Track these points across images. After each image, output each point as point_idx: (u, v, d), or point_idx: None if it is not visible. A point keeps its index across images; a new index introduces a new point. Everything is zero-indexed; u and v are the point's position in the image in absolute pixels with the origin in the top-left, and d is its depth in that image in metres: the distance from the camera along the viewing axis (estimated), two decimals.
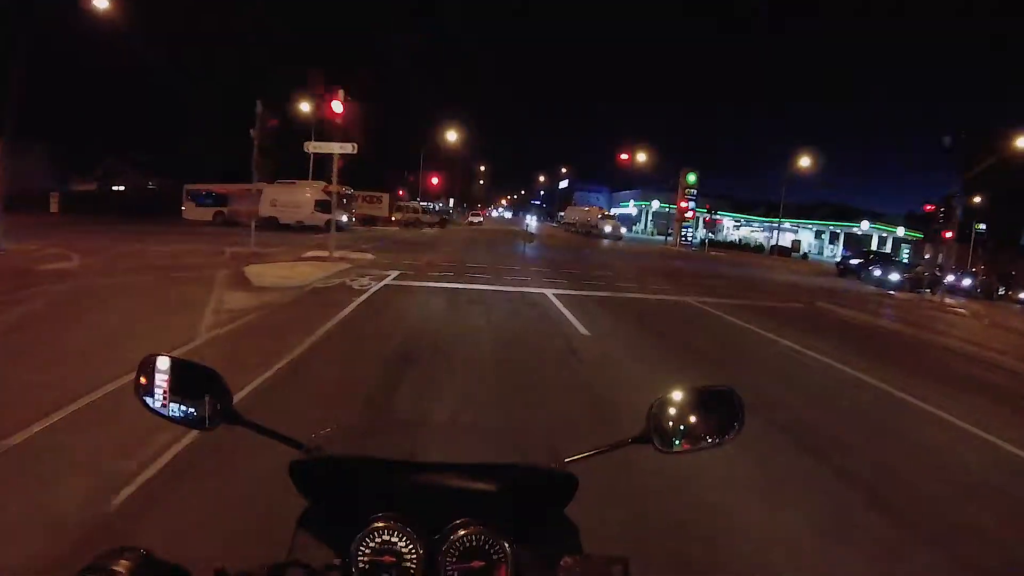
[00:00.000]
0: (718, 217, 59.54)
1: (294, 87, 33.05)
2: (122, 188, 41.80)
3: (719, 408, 1.21)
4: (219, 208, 34.28)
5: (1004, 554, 3.81)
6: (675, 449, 1.17)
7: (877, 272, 29.36)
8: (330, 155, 16.08)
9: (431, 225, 47.86)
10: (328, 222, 33.03)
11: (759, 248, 60.29)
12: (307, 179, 36.45)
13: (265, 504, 2.83)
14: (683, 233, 53.81)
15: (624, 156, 47.39)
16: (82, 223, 24.45)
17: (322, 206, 32.79)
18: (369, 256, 17.93)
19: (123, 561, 0.80)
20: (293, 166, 32.45)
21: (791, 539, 3.61)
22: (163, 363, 1.14)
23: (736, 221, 70.65)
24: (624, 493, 3.78)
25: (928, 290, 25.65)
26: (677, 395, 1.19)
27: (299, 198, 33.04)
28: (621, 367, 7.55)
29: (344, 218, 33.43)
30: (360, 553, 0.94)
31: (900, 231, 59.37)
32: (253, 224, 17.28)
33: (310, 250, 18.03)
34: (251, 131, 17.20)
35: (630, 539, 3.34)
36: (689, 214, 53.79)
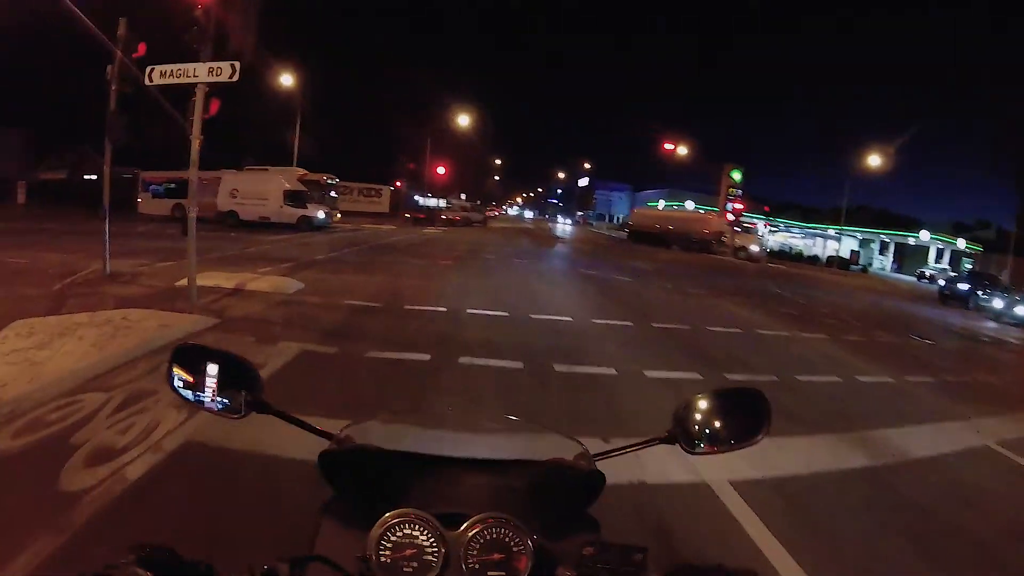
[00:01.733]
0: (776, 224, 51.78)
1: None
2: (94, 177, 36.03)
3: (745, 409, 1.20)
4: (179, 200, 27.85)
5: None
6: (700, 451, 1.16)
7: (998, 302, 21.56)
8: (202, 91, 8.24)
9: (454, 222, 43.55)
10: (302, 219, 26.28)
11: (813, 259, 52.53)
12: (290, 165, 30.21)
13: None
14: None
15: (669, 146, 39.92)
16: (27, 217, 21.40)
17: (294, 199, 26.65)
18: (283, 287, 10.48)
19: (147, 559, 0.79)
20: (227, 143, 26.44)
21: None
22: (195, 352, 1.18)
23: (772, 226, 62.31)
24: None
25: None
26: (704, 397, 1.17)
27: (265, 188, 26.80)
28: None
29: (321, 214, 27.30)
30: (381, 546, 0.94)
31: (961, 243, 53.36)
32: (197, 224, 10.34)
33: (213, 271, 10.90)
34: (107, 69, 9.85)
35: None
36: (731, 217, 46.36)
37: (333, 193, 31.23)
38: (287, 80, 32.50)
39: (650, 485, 3.95)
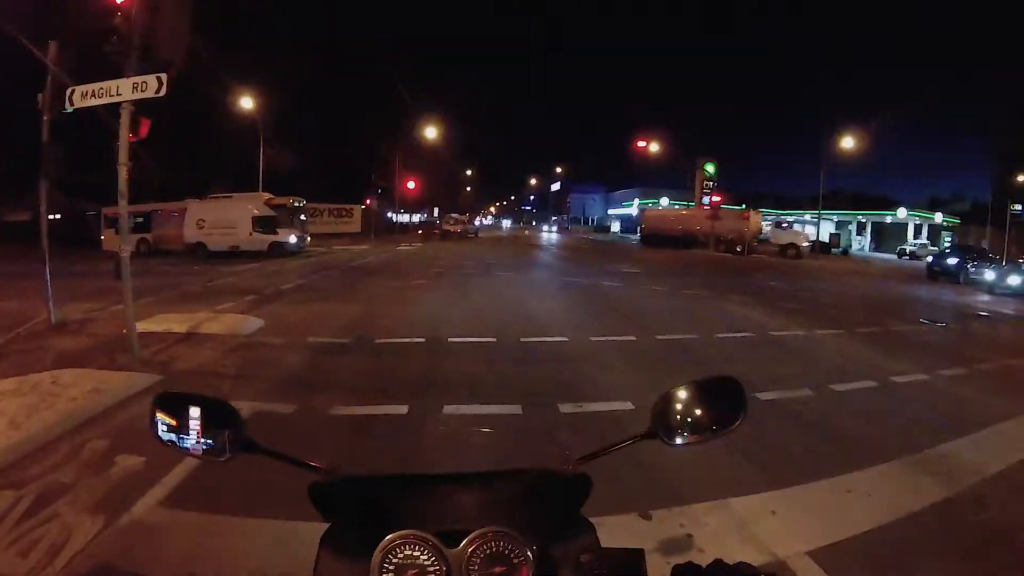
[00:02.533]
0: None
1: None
2: (57, 216, 34.70)
3: (722, 397, 1.20)
4: (142, 235, 27.21)
5: None
6: (682, 442, 1.17)
7: (990, 274, 21.10)
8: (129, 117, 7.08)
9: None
10: (273, 245, 25.10)
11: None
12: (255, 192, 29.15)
13: None
14: None
15: (641, 143, 39.36)
16: None
17: (264, 225, 25.65)
18: (241, 327, 9.40)
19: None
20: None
21: None
22: (176, 399, 1.18)
23: (747, 215, 62.30)
24: None
25: None
26: (680, 390, 1.18)
27: (232, 215, 25.72)
28: None
29: (293, 238, 26.38)
30: (384, 570, 0.94)
31: (938, 217, 54.33)
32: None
33: (168, 311, 9.95)
34: (38, 97, 8.75)
35: None
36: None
37: (303, 216, 30.21)
38: (247, 102, 31.24)
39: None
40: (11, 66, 8.77)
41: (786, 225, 41.99)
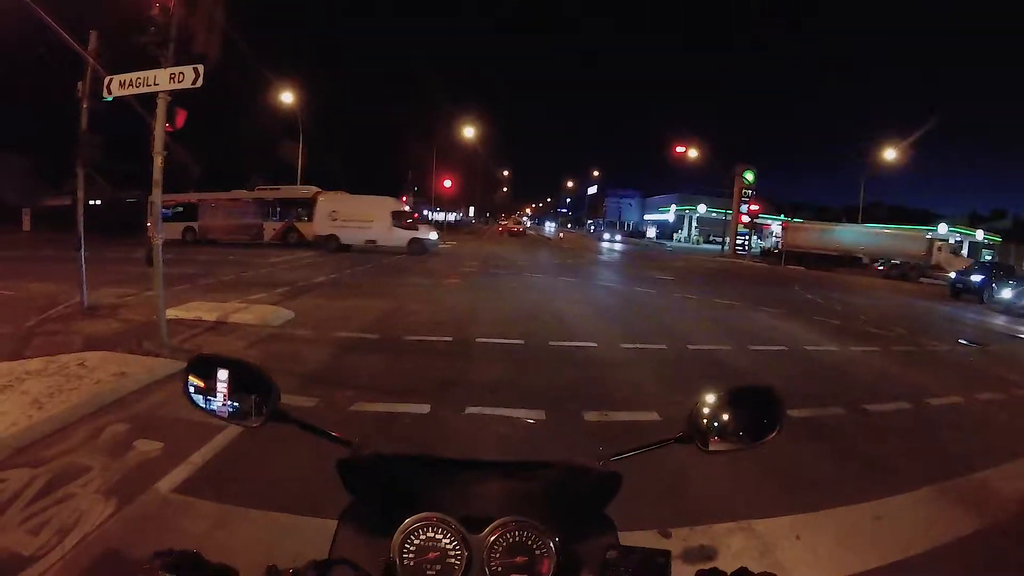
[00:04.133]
0: (796, 223, 50.30)
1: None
2: (98, 202, 35.82)
3: (759, 407, 1.18)
4: (188, 223, 28.14)
5: None
6: (716, 448, 1.14)
7: (1007, 295, 19.40)
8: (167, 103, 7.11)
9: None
10: (413, 242, 25.74)
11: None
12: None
13: None
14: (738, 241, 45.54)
15: (680, 149, 38.81)
16: (30, 244, 20.29)
17: (403, 222, 26.71)
18: (270, 318, 9.45)
19: (172, 563, 0.80)
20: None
21: None
22: (212, 362, 1.17)
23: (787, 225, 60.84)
24: None
25: None
26: (717, 395, 1.16)
27: (369, 211, 26.59)
28: None
29: (433, 235, 27.68)
30: (405, 549, 0.94)
31: (979, 235, 52.95)
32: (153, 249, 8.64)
33: (202, 299, 10.00)
34: (78, 86, 8.97)
35: None
36: (746, 219, 45.36)
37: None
38: (287, 97, 31.74)
39: None
40: (55, 53, 8.94)
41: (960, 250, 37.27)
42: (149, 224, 27.62)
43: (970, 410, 6.82)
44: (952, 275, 25.08)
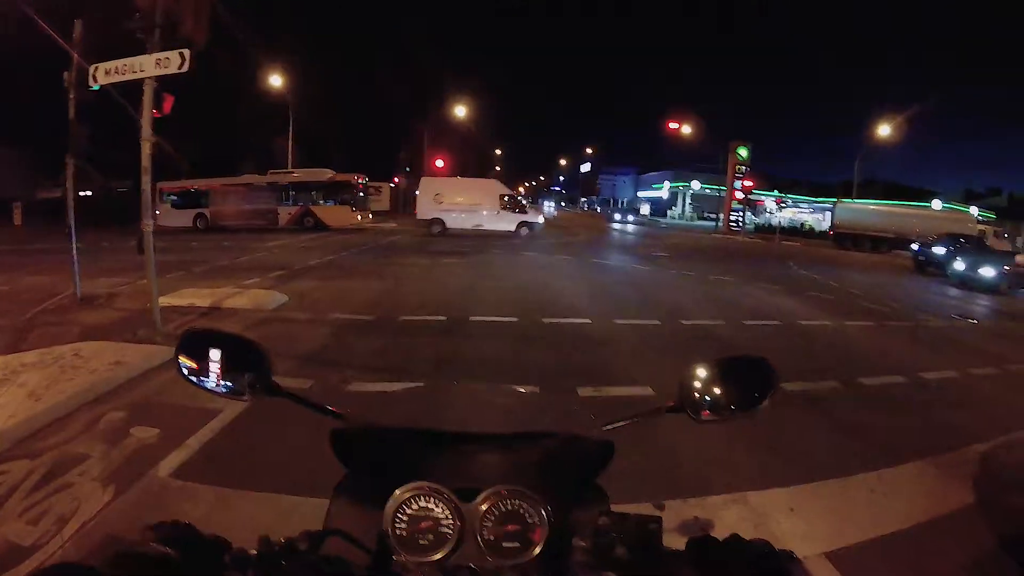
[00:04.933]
0: (785, 199, 49.90)
1: None
2: (89, 193, 35.49)
3: (752, 376, 1.17)
4: (200, 210, 27.95)
5: None
6: (708, 419, 1.14)
7: (960, 266, 18.58)
8: (152, 88, 7.09)
9: None
10: (522, 225, 26.18)
11: (824, 234, 50.93)
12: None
13: None
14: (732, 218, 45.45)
15: (673, 125, 38.57)
16: (23, 238, 19.76)
17: (512, 205, 27.13)
18: (265, 302, 9.53)
19: (165, 535, 0.80)
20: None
21: None
22: (205, 336, 1.16)
23: (781, 202, 60.00)
24: None
25: None
26: (709, 365, 1.15)
27: (476, 195, 26.93)
28: None
29: (541, 219, 28.19)
30: (397, 520, 0.94)
31: (973, 211, 51.06)
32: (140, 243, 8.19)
33: (198, 285, 9.86)
34: (64, 76, 8.82)
35: None
36: (740, 195, 45.27)
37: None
38: (276, 80, 31.33)
39: None
40: (43, 44, 8.79)
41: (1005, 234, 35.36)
42: (158, 212, 27.71)
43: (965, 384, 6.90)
44: (915, 247, 24.35)
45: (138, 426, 4.47)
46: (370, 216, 29.73)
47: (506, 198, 27.01)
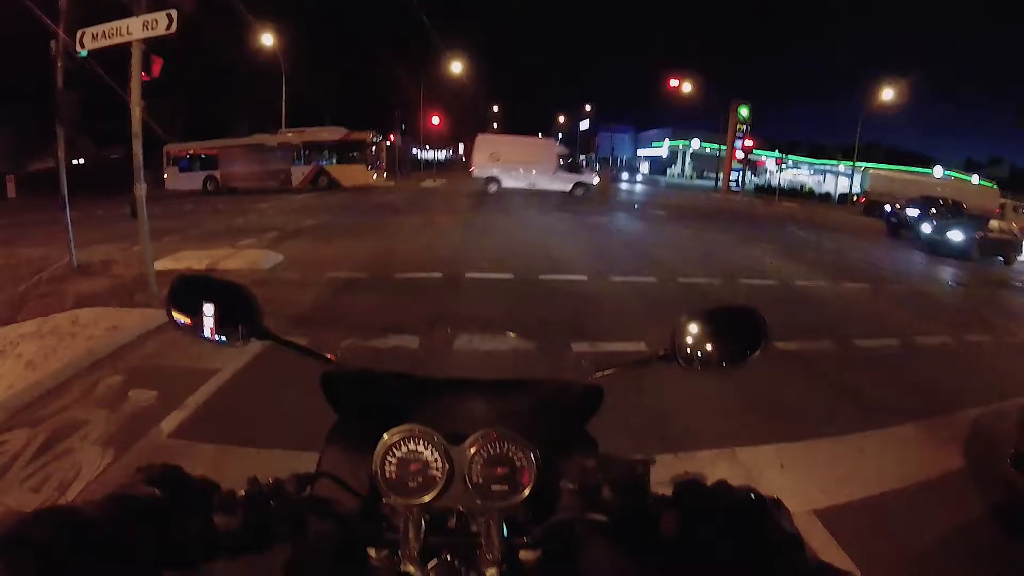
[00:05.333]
0: (786, 160, 48.97)
1: None
2: (81, 161, 35.04)
3: (742, 327, 1.16)
4: (209, 173, 27.37)
5: None
6: (697, 367, 1.12)
7: (926, 229, 17.85)
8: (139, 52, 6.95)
9: None
10: (577, 185, 26.13)
11: (825, 196, 50.40)
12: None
13: None
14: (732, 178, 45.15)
15: (674, 82, 37.87)
16: (18, 211, 19.35)
17: (569, 165, 27.19)
18: (260, 262, 9.48)
19: (155, 477, 0.81)
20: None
21: None
22: (195, 282, 1.16)
23: (781, 162, 58.93)
24: None
25: (1002, 258, 16.79)
26: (700, 314, 1.15)
27: (532, 154, 26.85)
28: None
29: (595, 179, 28.18)
30: (386, 462, 0.92)
31: (974, 180, 49.77)
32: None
33: (195, 248, 9.72)
34: (51, 44, 8.58)
35: None
36: (740, 155, 44.80)
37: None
38: (268, 39, 30.59)
39: None
40: (30, 13, 8.54)
41: None
42: (166, 175, 27.26)
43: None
44: (887, 208, 23.66)
45: (136, 389, 4.52)
46: (384, 175, 29.30)
47: (563, 158, 26.93)
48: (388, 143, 43.65)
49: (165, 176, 27.53)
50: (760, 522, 0.82)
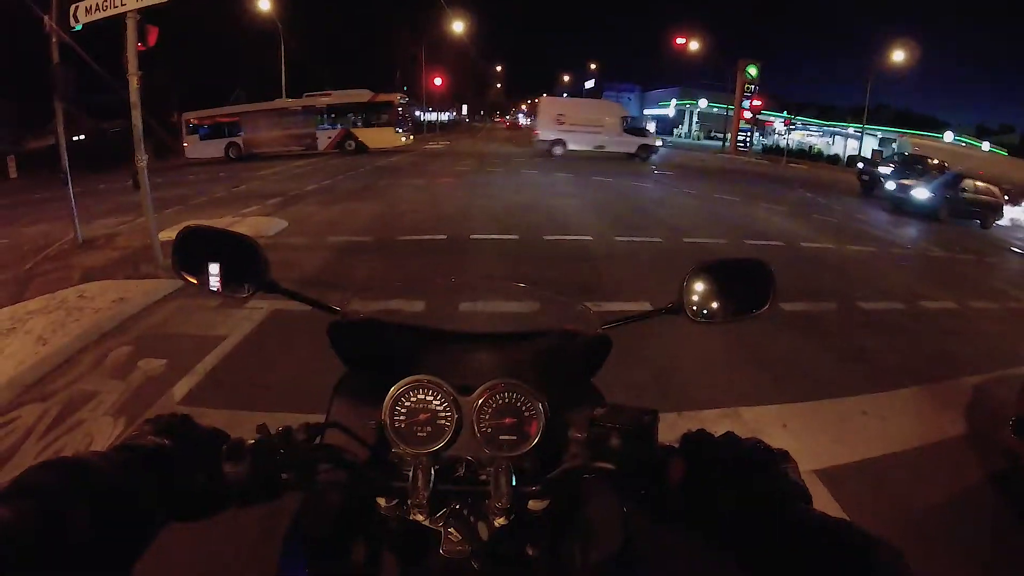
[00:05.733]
0: (790, 120, 48.07)
1: None
2: (82, 137, 34.75)
3: (751, 279, 1.16)
4: (231, 139, 26.67)
5: None
6: (704, 320, 1.13)
7: (891, 185, 16.90)
8: (135, 23, 6.83)
9: None
10: (642, 148, 26.61)
11: (833, 159, 49.48)
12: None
13: None
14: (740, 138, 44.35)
15: (680, 40, 37.11)
16: (20, 190, 19.05)
17: (633, 128, 27.41)
18: (265, 228, 9.47)
19: (162, 427, 0.80)
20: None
21: None
22: (201, 233, 1.14)
23: (790, 123, 57.72)
24: None
25: (979, 221, 16.01)
26: (708, 267, 1.15)
27: (597, 116, 26.74)
28: None
29: (659, 142, 28.32)
30: (395, 411, 0.95)
31: (985, 147, 48.59)
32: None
33: (200, 215, 9.64)
34: (44, 19, 8.41)
35: None
36: (748, 115, 43.99)
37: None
38: (263, 2, 29.99)
39: None
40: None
41: None
42: (186, 144, 26.83)
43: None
44: (859, 165, 23.39)
45: (145, 358, 4.56)
46: (411, 137, 28.73)
47: (628, 120, 26.88)
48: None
49: (185, 145, 26.96)
50: (766, 473, 0.81)
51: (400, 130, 27.42)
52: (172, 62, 25.77)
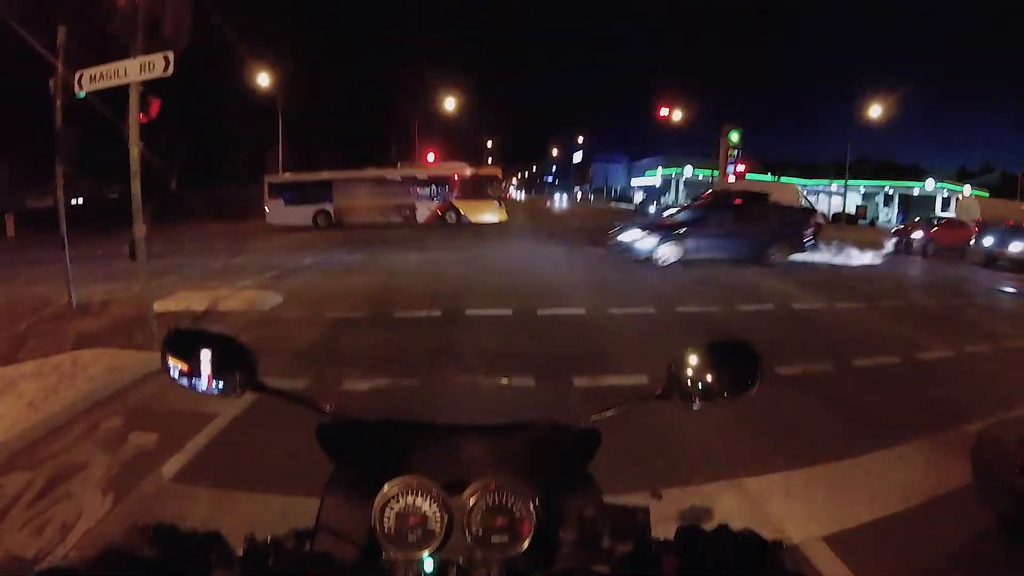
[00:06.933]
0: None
1: None
2: (80, 200, 35.17)
3: (737, 361, 1.17)
4: (321, 207, 26.16)
5: None
6: (695, 405, 1.13)
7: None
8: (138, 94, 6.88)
9: None
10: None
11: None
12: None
13: None
14: None
15: (664, 111, 38.42)
16: (18, 249, 19.48)
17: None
18: (259, 303, 9.66)
19: (154, 536, 0.82)
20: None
21: None
22: (188, 336, 1.18)
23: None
24: None
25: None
26: (695, 351, 1.15)
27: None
28: None
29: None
30: (385, 516, 0.94)
31: (967, 190, 50.80)
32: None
33: (194, 288, 9.79)
34: (50, 83, 8.70)
35: None
36: (733, 179, 45.02)
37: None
38: (262, 77, 30.93)
39: None
40: (27, 51, 8.69)
41: None
42: (267, 209, 26.16)
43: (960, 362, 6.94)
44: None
45: (137, 431, 4.48)
46: (505, 212, 28.18)
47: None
48: None
49: (266, 209, 26.36)
50: (761, 564, 0.83)
51: (500, 204, 27.25)
52: (174, 128, 26.09)
